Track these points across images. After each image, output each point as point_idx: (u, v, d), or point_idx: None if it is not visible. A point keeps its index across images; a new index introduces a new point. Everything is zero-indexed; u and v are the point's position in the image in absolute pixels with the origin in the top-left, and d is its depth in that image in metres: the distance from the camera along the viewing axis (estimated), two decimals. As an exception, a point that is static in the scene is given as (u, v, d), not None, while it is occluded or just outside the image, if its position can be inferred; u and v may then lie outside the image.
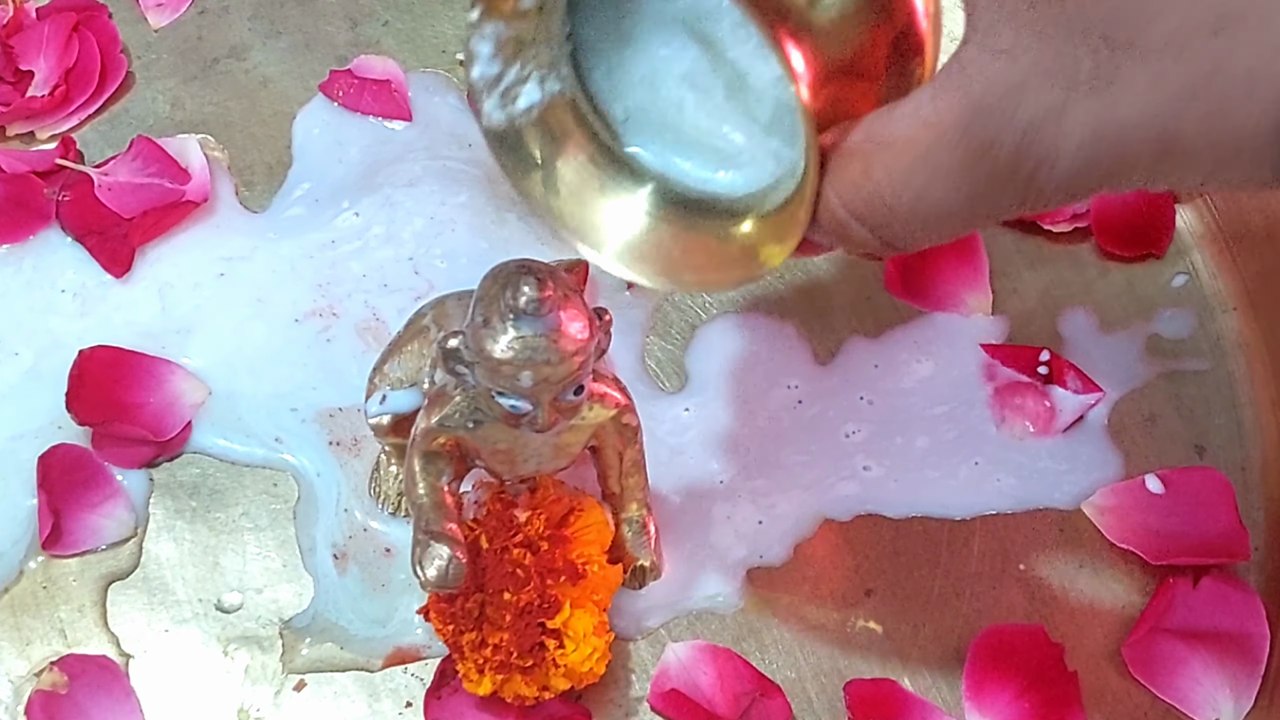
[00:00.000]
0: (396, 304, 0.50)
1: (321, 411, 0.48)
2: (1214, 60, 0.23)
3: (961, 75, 0.26)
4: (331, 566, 0.45)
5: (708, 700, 0.42)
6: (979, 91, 0.26)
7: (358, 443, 0.47)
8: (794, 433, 0.48)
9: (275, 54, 0.57)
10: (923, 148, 0.27)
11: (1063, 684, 0.42)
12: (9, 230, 0.52)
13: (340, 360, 0.49)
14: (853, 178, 0.28)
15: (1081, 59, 0.24)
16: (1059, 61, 0.25)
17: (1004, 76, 0.25)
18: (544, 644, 0.39)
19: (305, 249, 0.51)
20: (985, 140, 0.26)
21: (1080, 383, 0.48)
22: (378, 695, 0.43)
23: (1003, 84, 0.25)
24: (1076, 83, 0.25)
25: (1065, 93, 0.25)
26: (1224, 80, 0.23)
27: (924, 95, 0.27)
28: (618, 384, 0.40)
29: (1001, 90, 0.25)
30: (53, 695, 0.43)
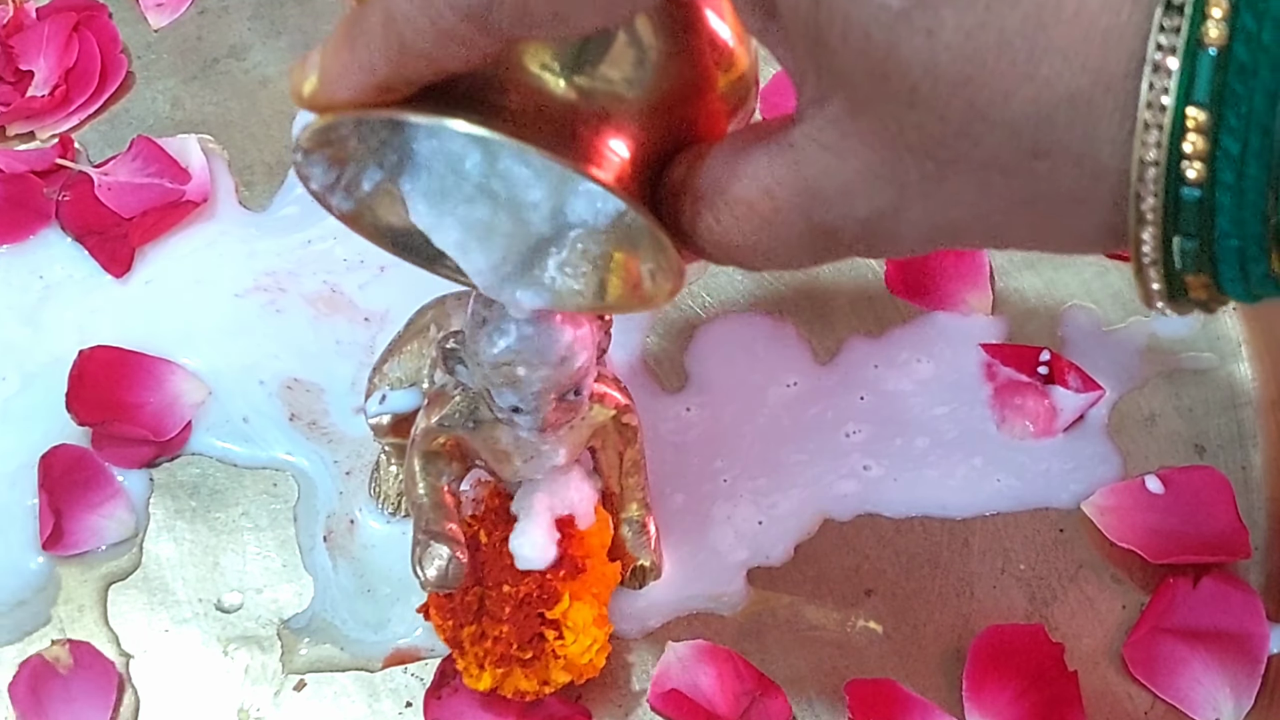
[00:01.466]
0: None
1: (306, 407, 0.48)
2: (1038, 180, 0.23)
3: (794, 155, 0.26)
4: (329, 564, 0.45)
5: (708, 700, 0.42)
6: (813, 179, 0.26)
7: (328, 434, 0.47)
8: (794, 432, 0.48)
9: (275, 54, 0.57)
10: (764, 217, 0.27)
11: (1063, 684, 0.42)
12: (9, 230, 0.52)
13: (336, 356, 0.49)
14: (706, 223, 0.28)
15: (909, 168, 0.24)
16: (886, 168, 0.25)
17: (835, 173, 0.25)
18: (543, 635, 0.39)
19: (300, 247, 0.52)
20: (826, 228, 0.26)
21: (1081, 381, 0.48)
22: (378, 695, 0.43)
23: (835, 180, 0.25)
24: (906, 186, 0.25)
25: (897, 194, 0.25)
26: (1049, 196, 0.24)
27: (760, 160, 0.27)
28: (618, 384, 0.40)
29: (835, 186, 0.25)
30: (48, 669, 0.43)
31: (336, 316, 0.50)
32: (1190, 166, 0.21)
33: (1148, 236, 0.23)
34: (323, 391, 0.49)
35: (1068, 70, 0.22)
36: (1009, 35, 0.22)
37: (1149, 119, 0.21)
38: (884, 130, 0.24)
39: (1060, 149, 0.23)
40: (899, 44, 0.23)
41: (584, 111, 0.27)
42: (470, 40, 0.25)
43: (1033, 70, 0.22)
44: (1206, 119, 0.21)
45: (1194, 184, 0.22)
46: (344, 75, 0.26)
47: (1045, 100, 0.22)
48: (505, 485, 0.41)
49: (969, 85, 0.23)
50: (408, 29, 0.25)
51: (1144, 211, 0.22)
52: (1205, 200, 0.22)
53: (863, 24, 0.23)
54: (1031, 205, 0.24)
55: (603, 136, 0.27)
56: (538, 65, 0.27)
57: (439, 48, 0.25)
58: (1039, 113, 0.22)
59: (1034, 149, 0.23)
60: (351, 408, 0.48)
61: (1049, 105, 0.22)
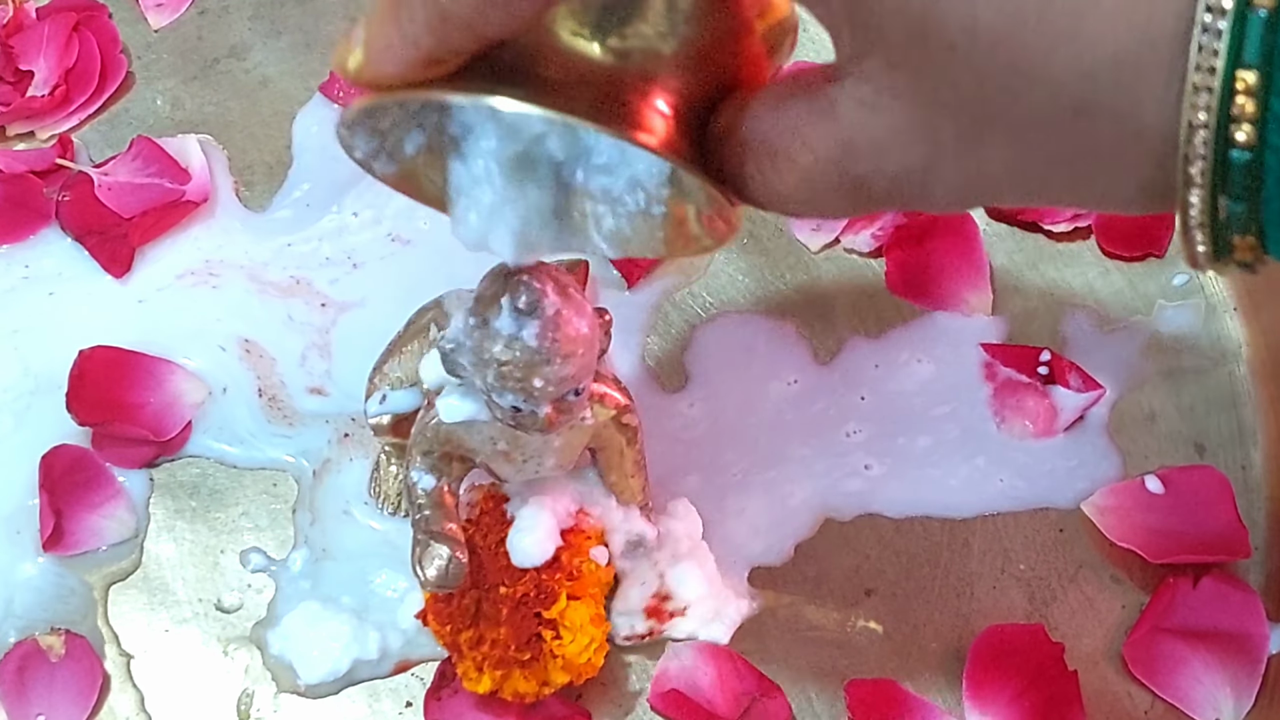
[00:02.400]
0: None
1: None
2: (1078, 136, 0.23)
3: (831, 110, 0.26)
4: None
5: (708, 700, 0.42)
6: (848, 134, 0.26)
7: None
8: (794, 432, 0.48)
9: (275, 54, 0.57)
10: (803, 169, 0.27)
11: (1063, 684, 0.42)
12: (9, 230, 0.52)
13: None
14: (749, 172, 0.28)
15: (943, 126, 0.24)
16: (921, 127, 0.25)
17: (869, 127, 0.25)
18: (541, 635, 0.39)
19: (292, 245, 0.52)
20: (859, 179, 0.26)
21: (1081, 381, 0.48)
22: (378, 695, 0.43)
23: (868, 134, 0.25)
24: (941, 144, 0.25)
25: (931, 151, 0.25)
26: (1089, 154, 0.24)
27: (800, 112, 0.27)
28: (618, 384, 0.40)
29: (867, 139, 0.26)
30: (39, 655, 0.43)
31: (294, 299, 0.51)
32: (1239, 129, 0.21)
33: (1195, 199, 0.22)
34: (275, 361, 0.49)
35: (1112, 30, 0.21)
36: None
37: (1197, 81, 0.21)
38: (920, 87, 0.24)
39: (1102, 107, 0.22)
40: (937, 2, 0.22)
41: (623, 73, 0.27)
42: (509, 4, 0.25)
43: (1076, 29, 0.22)
44: (1256, 81, 0.21)
45: (1243, 146, 0.21)
46: (389, 50, 0.26)
47: (1088, 59, 0.22)
48: (500, 488, 0.41)
49: (1009, 43, 0.22)
50: (447, 1, 0.25)
51: (1192, 174, 0.22)
52: (1254, 163, 0.21)
53: None
54: (1070, 163, 0.24)
55: (646, 96, 0.27)
56: (569, 32, 0.27)
57: (479, 15, 0.25)
58: (1081, 71, 0.22)
59: (1075, 106, 0.23)
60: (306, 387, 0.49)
61: (1092, 64, 0.22)
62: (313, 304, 0.51)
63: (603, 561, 0.41)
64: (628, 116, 0.27)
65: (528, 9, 0.25)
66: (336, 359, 0.49)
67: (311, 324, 0.50)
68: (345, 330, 0.50)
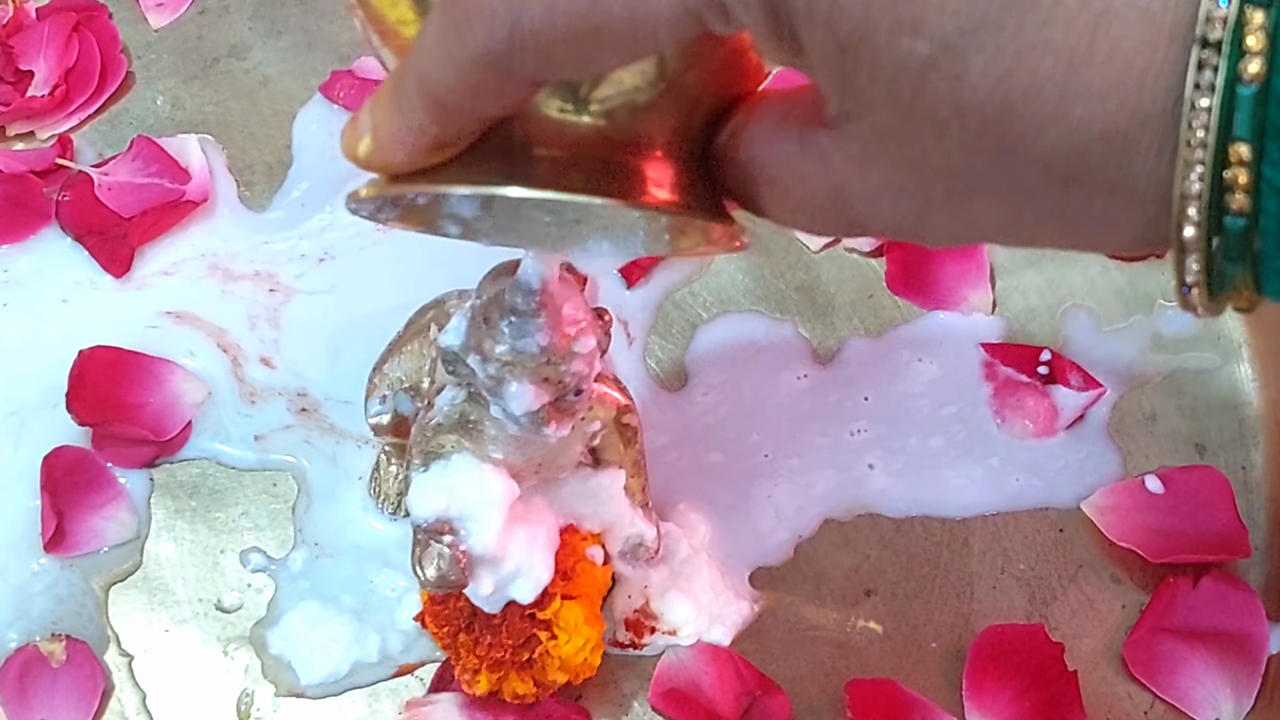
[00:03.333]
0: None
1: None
2: (1070, 202, 0.23)
3: (822, 156, 0.26)
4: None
5: (708, 700, 0.42)
6: (839, 181, 0.26)
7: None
8: (794, 432, 0.48)
9: (275, 53, 0.57)
10: (798, 198, 0.27)
11: (1063, 684, 0.42)
12: (9, 230, 0.52)
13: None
14: (749, 193, 0.28)
15: (934, 187, 0.25)
16: (911, 184, 0.25)
17: (859, 180, 0.26)
18: (536, 636, 0.39)
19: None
20: (855, 221, 0.27)
21: (1082, 380, 0.48)
22: (378, 695, 0.43)
23: (859, 186, 0.26)
24: (931, 200, 0.25)
25: (922, 204, 0.25)
26: (1081, 215, 0.24)
27: (792, 147, 0.27)
28: (618, 384, 0.40)
29: (859, 191, 0.26)
30: (41, 661, 0.43)
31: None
32: (1233, 198, 0.22)
33: (1191, 262, 0.23)
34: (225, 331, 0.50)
35: (1103, 110, 0.22)
36: (1040, 80, 0.22)
37: (1189, 157, 0.21)
38: (910, 155, 0.24)
39: (1093, 180, 0.23)
40: (926, 88, 0.23)
41: (615, 132, 0.27)
42: (500, 89, 0.25)
43: (1065, 111, 0.22)
44: (1248, 152, 0.21)
45: (1237, 213, 0.22)
46: (397, 139, 0.26)
47: (1079, 138, 0.22)
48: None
49: (998, 125, 0.22)
50: (440, 88, 0.25)
51: (1186, 240, 0.22)
52: (1249, 228, 0.22)
53: (889, 69, 0.23)
54: (1062, 221, 0.24)
55: (642, 149, 0.28)
56: (556, 110, 0.27)
57: (475, 100, 0.25)
58: (1072, 149, 0.22)
59: (1066, 179, 0.23)
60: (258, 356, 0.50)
61: (1083, 142, 0.22)
62: (262, 288, 0.51)
63: (599, 561, 0.41)
64: (626, 177, 0.27)
65: (519, 93, 0.26)
66: (285, 330, 0.50)
67: (258, 301, 0.51)
68: (299, 309, 0.51)
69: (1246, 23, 0.21)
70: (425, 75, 0.25)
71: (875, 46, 0.23)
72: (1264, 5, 0.21)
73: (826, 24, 0.23)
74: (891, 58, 0.23)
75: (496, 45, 0.24)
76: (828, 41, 0.23)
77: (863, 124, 0.25)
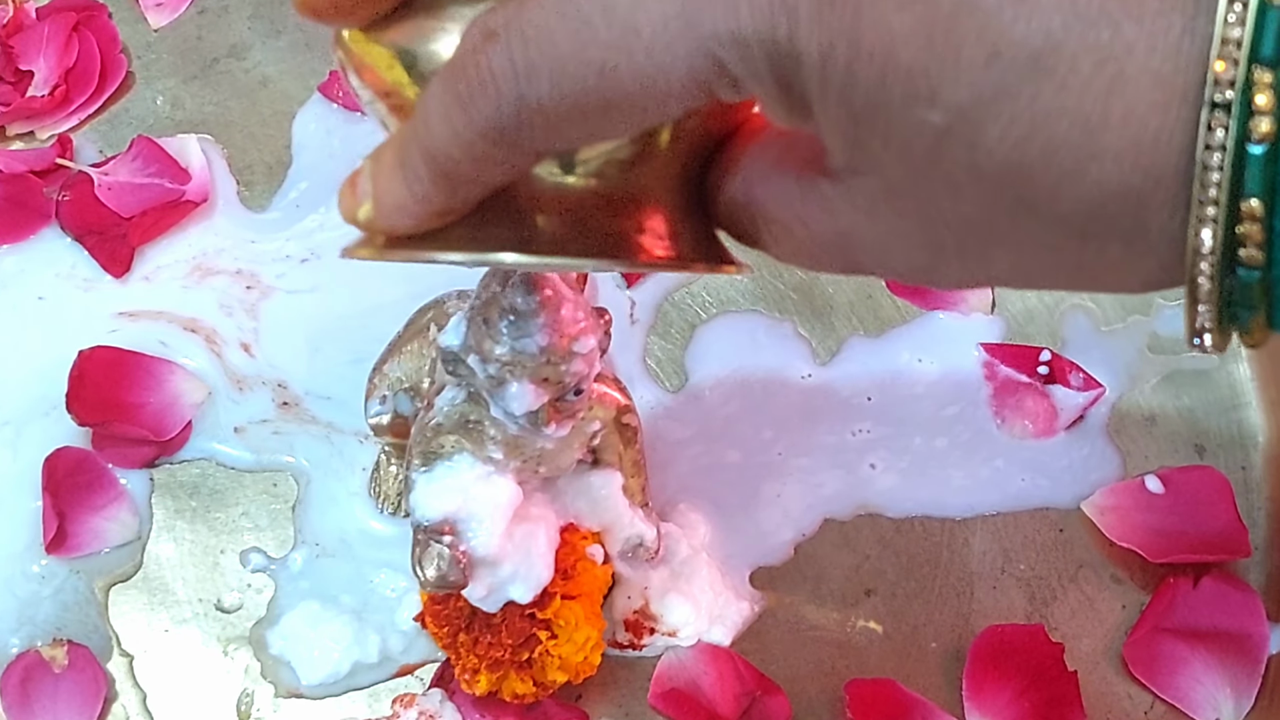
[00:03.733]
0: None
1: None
2: (1084, 254, 0.24)
3: (825, 203, 0.26)
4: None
5: (708, 700, 0.42)
6: (844, 228, 0.26)
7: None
8: (794, 432, 0.48)
9: (275, 54, 0.57)
10: (800, 241, 0.27)
11: (1063, 684, 0.42)
12: (9, 230, 0.52)
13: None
14: (747, 231, 0.28)
15: (946, 240, 0.25)
16: (921, 237, 0.25)
17: (867, 229, 0.26)
18: (536, 636, 0.39)
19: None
20: (860, 265, 0.27)
21: (1082, 380, 0.48)
22: (377, 695, 0.43)
23: (866, 235, 0.26)
24: (943, 251, 0.25)
25: (933, 256, 0.25)
26: (1094, 265, 0.24)
27: (793, 191, 0.27)
28: (618, 384, 0.40)
29: (867, 239, 0.26)
30: (43, 666, 0.43)
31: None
32: (1245, 251, 0.22)
33: (1204, 309, 0.23)
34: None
35: (1119, 170, 0.22)
36: (1056, 144, 0.22)
37: (1202, 214, 0.22)
38: (921, 210, 0.24)
39: (1108, 234, 0.23)
40: (941, 153, 0.23)
41: (608, 192, 0.27)
42: (507, 160, 0.25)
43: (1082, 172, 0.22)
44: (1260, 207, 0.21)
45: (1250, 265, 0.22)
46: (401, 209, 0.26)
47: (1095, 196, 0.22)
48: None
49: (1015, 184, 0.23)
50: (447, 162, 0.25)
51: (1200, 292, 0.23)
52: (1263, 278, 0.22)
53: (903, 137, 0.23)
54: (1075, 268, 0.24)
55: (637, 207, 0.28)
56: (549, 175, 0.27)
57: (481, 172, 0.25)
58: (1088, 207, 0.23)
59: (1082, 233, 0.23)
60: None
61: (1099, 200, 0.22)
62: (240, 284, 0.51)
63: (599, 560, 0.41)
64: (623, 236, 0.27)
65: (522, 164, 0.26)
66: (263, 321, 0.50)
67: (233, 295, 0.51)
68: (277, 305, 0.51)
69: (1255, 83, 0.21)
70: (431, 148, 0.25)
71: (889, 116, 0.23)
72: (1272, 65, 0.21)
73: (840, 95, 0.23)
74: (906, 127, 0.23)
75: (504, 121, 0.24)
76: (840, 110, 0.23)
77: (871, 180, 0.25)
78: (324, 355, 0.49)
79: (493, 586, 0.39)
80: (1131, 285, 0.25)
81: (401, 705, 0.42)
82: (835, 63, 0.23)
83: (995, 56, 0.22)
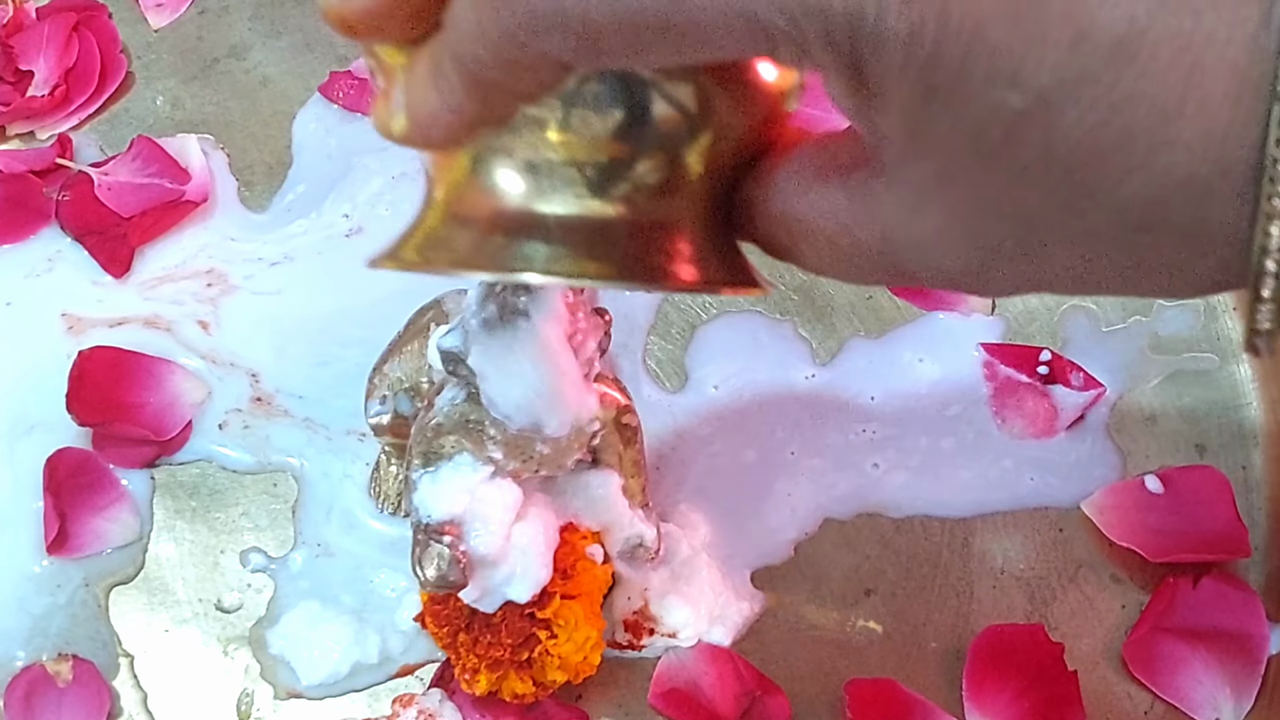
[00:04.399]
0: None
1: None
2: (1142, 250, 0.24)
3: (873, 204, 0.26)
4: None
5: (708, 700, 0.42)
6: (891, 230, 0.26)
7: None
8: (793, 432, 0.48)
9: (275, 54, 0.57)
10: (842, 250, 0.27)
11: (1063, 684, 0.42)
12: (9, 230, 0.52)
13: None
14: (781, 244, 0.28)
15: (1000, 235, 0.25)
16: (973, 232, 0.25)
17: (914, 229, 0.25)
18: (535, 635, 0.39)
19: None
20: (903, 271, 0.27)
21: (1082, 380, 0.48)
22: (377, 695, 0.43)
23: (914, 236, 0.25)
24: (995, 251, 0.25)
25: (983, 256, 0.25)
26: (1151, 263, 0.24)
27: (837, 196, 0.26)
28: (618, 384, 0.40)
29: (914, 240, 0.25)
30: (47, 680, 0.43)
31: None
32: None
33: (1266, 309, 0.23)
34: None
35: (1189, 159, 0.22)
36: (1130, 131, 0.22)
37: (1270, 210, 0.22)
38: (977, 200, 0.24)
39: (1167, 226, 0.23)
40: (1015, 137, 0.23)
41: (638, 218, 0.27)
42: (536, 65, 0.25)
43: (1151, 160, 0.22)
44: None
45: None
46: (435, 118, 0.26)
47: (1160, 185, 0.22)
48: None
49: (1083, 169, 0.23)
50: (475, 66, 0.25)
51: (1263, 292, 0.23)
52: None
53: (977, 119, 0.23)
54: (1130, 267, 0.24)
55: (669, 234, 0.28)
56: (577, 198, 0.27)
57: (511, 78, 0.25)
58: (1152, 196, 0.22)
59: (1140, 225, 0.23)
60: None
61: (1164, 190, 0.22)
62: (200, 283, 0.51)
63: (599, 560, 0.41)
64: (652, 260, 0.27)
65: (554, 74, 0.25)
66: (223, 310, 0.51)
67: (190, 292, 0.51)
68: (239, 302, 0.51)
69: None
70: (460, 52, 0.25)
71: (966, 96, 0.23)
72: None
73: (920, 73, 0.23)
74: (982, 108, 0.23)
75: (536, 23, 0.24)
76: (916, 88, 0.23)
77: (928, 167, 0.25)
78: (290, 354, 0.49)
79: (487, 589, 0.39)
80: (1185, 287, 0.25)
81: (401, 705, 0.42)
82: (922, 40, 0.22)
83: (1081, 40, 0.22)
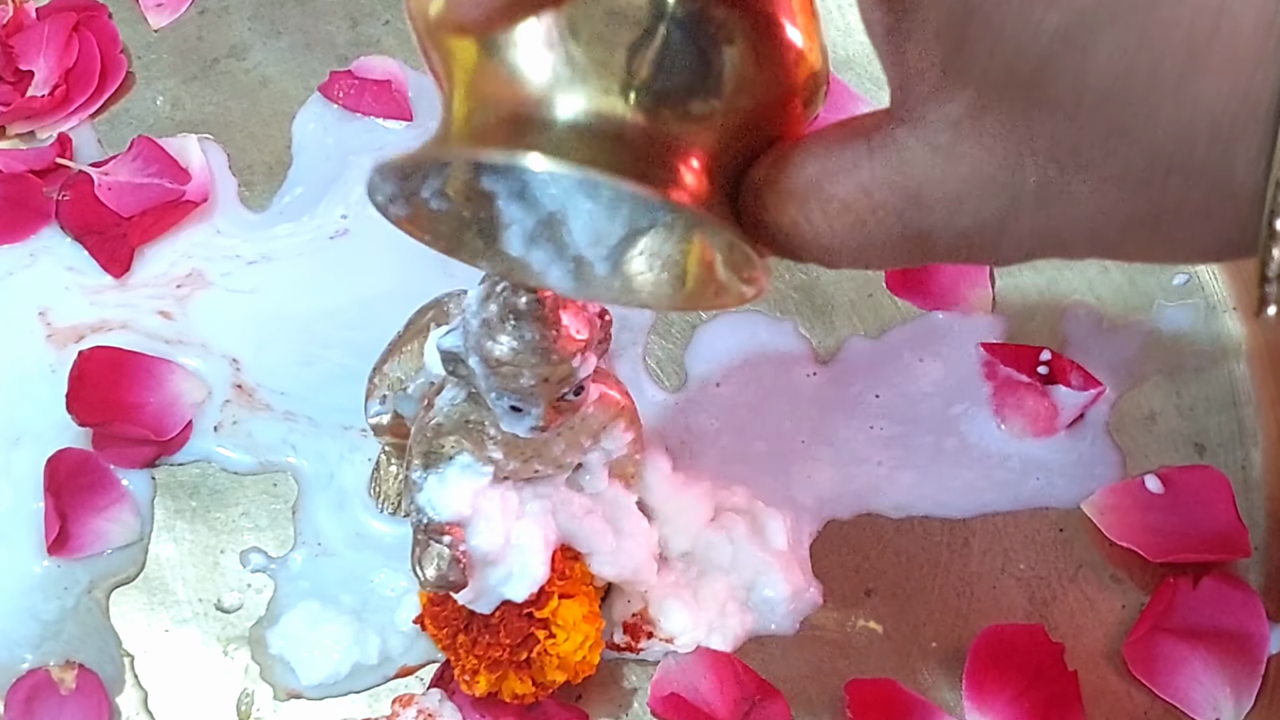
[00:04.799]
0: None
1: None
2: (1168, 195, 0.23)
3: (898, 157, 0.25)
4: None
5: (708, 705, 0.42)
6: (915, 183, 0.25)
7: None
8: (793, 432, 0.48)
9: (275, 54, 0.57)
10: (859, 216, 0.26)
11: (1063, 684, 0.42)
12: (9, 230, 0.52)
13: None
14: (791, 220, 0.27)
15: (1027, 174, 0.24)
16: (1002, 174, 0.24)
17: (941, 179, 0.25)
18: (534, 635, 0.39)
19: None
20: (922, 233, 0.26)
21: (1082, 379, 0.48)
22: (378, 696, 0.43)
23: (940, 185, 0.25)
24: (1020, 197, 0.25)
25: (1008, 204, 0.25)
26: (1175, 212, 0.24)
27: (859, 157, 0.26)
28: (618, 384, 0.40)
29: (938, 190, 0.25)
30: (50, 686, 0.43)
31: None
32: None
33: (1277, 253, 0.23)
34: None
35: (1216, 89, 0.22)
36: (1165, 56, 0.22)
37: None
38: (1010, 132, 0.24)
39: (1196, 167, 0.23)
40: (1051, 60, 0.23)
41: (656, 132, 0.27)
42: None
43: (1180, 90, 0.22)
44: None
45: None
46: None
47: (1189, 117, 0.22)
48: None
49: (1115, 101, 0.22)
50: None
51: (1277, 229, 0.23)
52: None
53: (1016, 39, 0.23)
54: (1154, 221, 0.24)
55: (679, 154, 0.27)
56: (603, 91, 0.27)
57: None
58: (1181, 131, 0.22)
59: (1170, 166, 0.23)
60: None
61: (1192, 123, 0.22)
62: (171, 284, 0.51)
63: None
64: (660, 174, 0.27)
65: None
66: (191, 306, 0.50)
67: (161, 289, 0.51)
68: (212, 297, 0.51)
69: None
70: None
71: (1005, 13, 0.23)
72: None
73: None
74: (1021, 27, 0.22)
75: None
76: (955, 10, 0.23)
77: (960, 101, 0.24)
78: (270, 352, 0.49)
79: (482, 589, 0.39)
80: (1207, 244, 0.24)
81: (401, 705, 0.42)
82: None
83: None
